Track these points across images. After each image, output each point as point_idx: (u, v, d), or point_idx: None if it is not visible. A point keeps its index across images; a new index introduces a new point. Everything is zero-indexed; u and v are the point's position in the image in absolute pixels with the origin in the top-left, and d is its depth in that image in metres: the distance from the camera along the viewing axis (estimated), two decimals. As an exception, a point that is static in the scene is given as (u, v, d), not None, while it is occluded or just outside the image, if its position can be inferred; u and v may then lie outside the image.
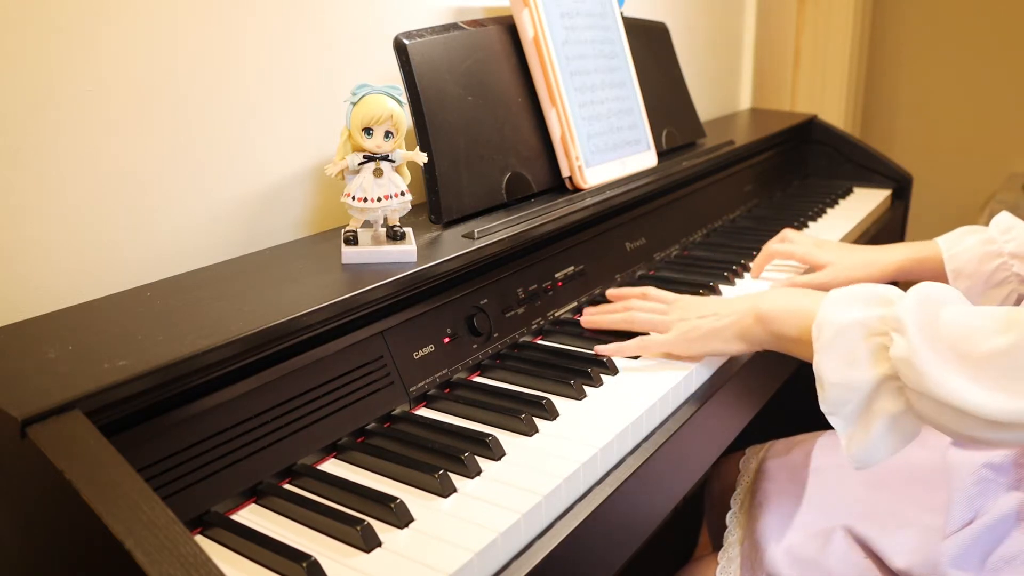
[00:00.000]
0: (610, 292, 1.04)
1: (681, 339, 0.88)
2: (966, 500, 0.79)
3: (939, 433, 0.84)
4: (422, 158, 0.83)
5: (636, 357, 0.91)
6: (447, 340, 0.85)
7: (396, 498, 0.63)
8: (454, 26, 1.03)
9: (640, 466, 0.74)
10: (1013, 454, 0.82)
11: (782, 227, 1.34)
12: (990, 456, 0.81)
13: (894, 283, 1.16)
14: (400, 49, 0.94)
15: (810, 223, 1.48)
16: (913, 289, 0.70)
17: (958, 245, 1.08)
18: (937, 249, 1.10)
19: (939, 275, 1.10)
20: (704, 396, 0.87)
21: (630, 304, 0.96)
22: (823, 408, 0.72)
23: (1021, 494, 0.79)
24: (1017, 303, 1.05)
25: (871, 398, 0.69)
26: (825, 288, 1.09)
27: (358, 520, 0.60)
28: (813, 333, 0.73)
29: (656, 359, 0.90)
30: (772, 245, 1.19)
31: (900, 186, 1.78)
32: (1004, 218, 1.06)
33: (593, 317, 0.96)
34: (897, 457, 0.96)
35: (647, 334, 0.92)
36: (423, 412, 0.81)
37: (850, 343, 0.70)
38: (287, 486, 0.68)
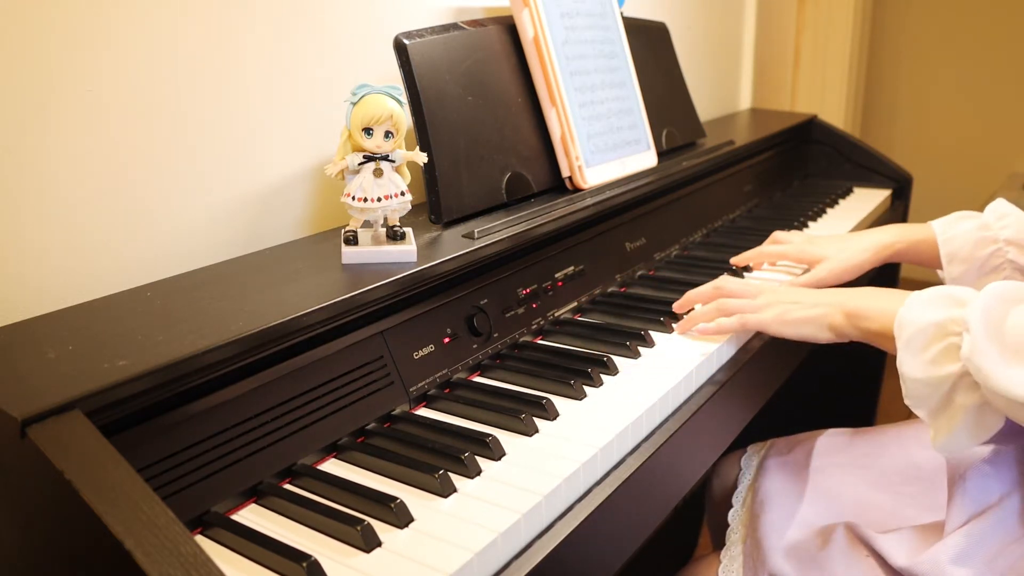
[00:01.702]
0: (688, 295, 1.01)
1: (777, 320, 0.93)
2: (967, 497, 0.79)
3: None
4: (422, 158, 0.83)
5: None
6: (447, 340, 0.85)
7: (396, 498, 0.63)
8: (454, 26, 1.03)
9: (640, 466, 0.74)
10: (1014, 451, 0.82)
11: (782, 227, 1.34)
12: (991, 454, 0.81)
13: (887, 265, 1.18)
14: (400, 49, 0.95)
15: (810, 223, 1.48)
16: (986, 289, 0.73)
17: (953, 229, 1.08)
18: (931, 232, 1.10)
19: (933, 258, 1.10)
20: (704, 396, 0.87)
21: (720, 289, 0.99)
22: (907, 401, 0.76)
23: (1022, 492, 0.79)
24: None
25: (949, 394, 0.73)
26: (827, 284, 1.11)
27: (358, 520, 0.60)
28: (895, 331, 0.77)
29: (658, 361, 0.90)
30: (765, 247, 1.19)
31: (900, 186, 1.78)
32: (999, 204, 1.06)
33: (685, 322, 0.97)
34: (898, 456, 0.97)
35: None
36: (423, 412, 0.80)
37: (926, 341, 0.74)
38: (287, 486, 0.68)
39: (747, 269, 1.19)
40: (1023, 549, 0.76)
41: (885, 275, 1.71)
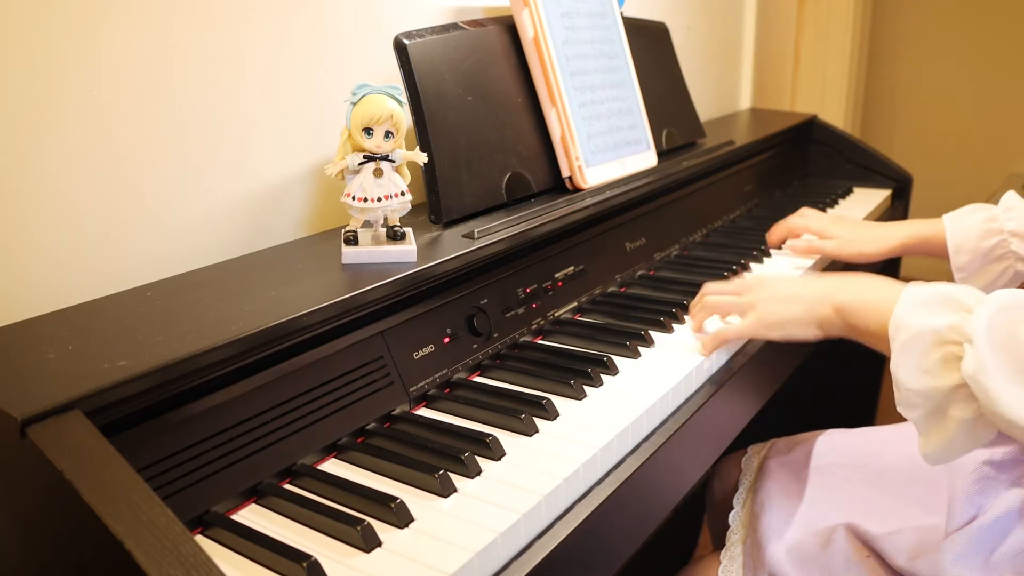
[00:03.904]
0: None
1: (759, 324, 0.90)
2: (967, 498, 0.79)
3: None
4: (422, 158, 0.83)
5: None
6: (447, 340, 0.85)
7: (396, 498, 0.63)
8: (454, 26, 1.03)
9: (640, 466, 0.74)
10: (1014, 450, 0.82)
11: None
12: (991, 453, 0.81)
13: (899, 258, 1.23)
14: (400, 49, 0.94)
15: (810, 223, 1.48)
16: (992, 296, 0.69)
17: (961, 222, 1.12)
18: (942, 227, 1.14)
19: (942, 251, 1.14)
20: (705, 396, 0.87)
21: (705, 290, 0.97)
22: (899, 408, 0.73)
23: (1023, 490, 0.79)
24: (1014, 279, 1.08)
25: (943, 405, 0.69)
26: (835, 256, 1.17)
27: (358, 520, 0.60)
28: (890, 333, 0.73)
29: (658, 361, 0.90)
30: (791, 219, 1.27)
31: (900, 186, 1.78)
32: (1010, 196, 1.09)
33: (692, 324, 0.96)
34: (899, 455, 0.97)
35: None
36: (423, 412, 0.80)
37: (924, 349, 0.70)
38: (287, 486, 0.68)
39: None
40: None
41: (887, 271, 1.71)
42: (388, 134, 0.80)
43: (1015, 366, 0.64)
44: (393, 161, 0.81)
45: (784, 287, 0.92)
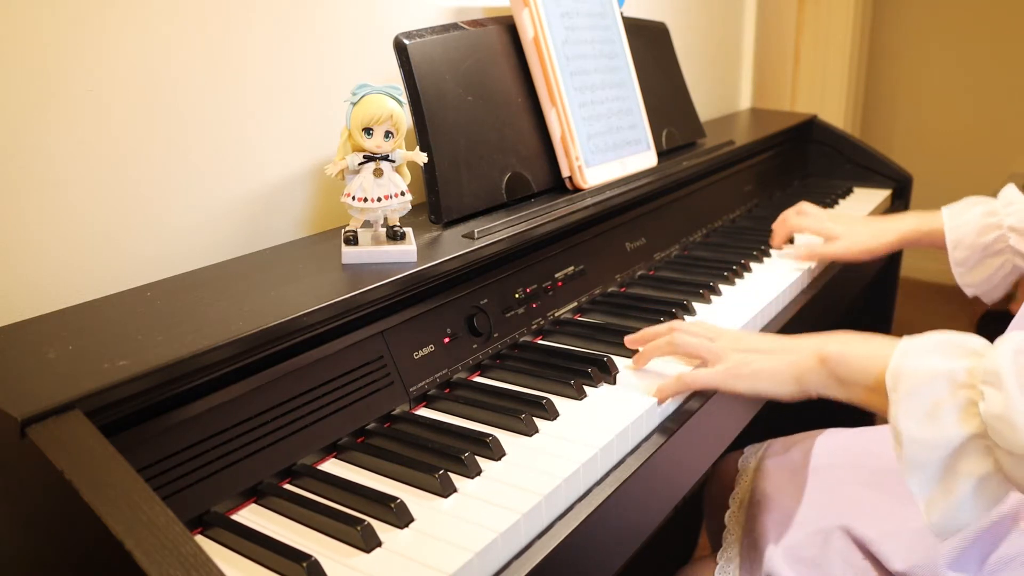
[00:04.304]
0: (634, 336, 0.90)
1: (728, 374, 0.81)
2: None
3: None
4: (422, 158, 0.83)
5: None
6: (447, 340, 0.85)
7: (396, 498, 0.63)
8: (454, 26, 1.03)
9: (640, 466, 0.74)
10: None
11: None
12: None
13: (900, 252, 1.22)
14: (400, 49, 0.95)
15: (810, 223, 1.48)
16: (1006, 338, 0.63)
17: (961, 216, 1.12)
18: (941, 221, 1.14)
19: (941, 244, 1.15)
20: (705, 396, 0.87)
21: (673, 325, 0.87)
22: (900, 466, 0.64)
23: (1018, 494, 0.79)
24: (1012, 273, 1.09)
25: (955, 458, 0.62)
26: (843, 259, 1.16)
27: (358, 520, 0.60)
28: (888, 383, 0.66)
29: (658, 361, 0.90)
30: (790, 217, 1.26)
31: (900, 186, 1.78)
32: (1009, 191, 1.09)
33: (640, 357, 0.87)
34: (895, 458, 0.96)
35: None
36: (423, 412, 0.81)
37: (934, 396, 0.63)
38: (287, 486, 0.68)
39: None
40: (1019, 553, 0.76)
41: (886, 268, 1.71)
42: (388, 134, 0.80)
43: None
44: (393, 161, 0.81)
45: (762, 338, 0.84)
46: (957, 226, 1.11)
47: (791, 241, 1.31)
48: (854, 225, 1.22)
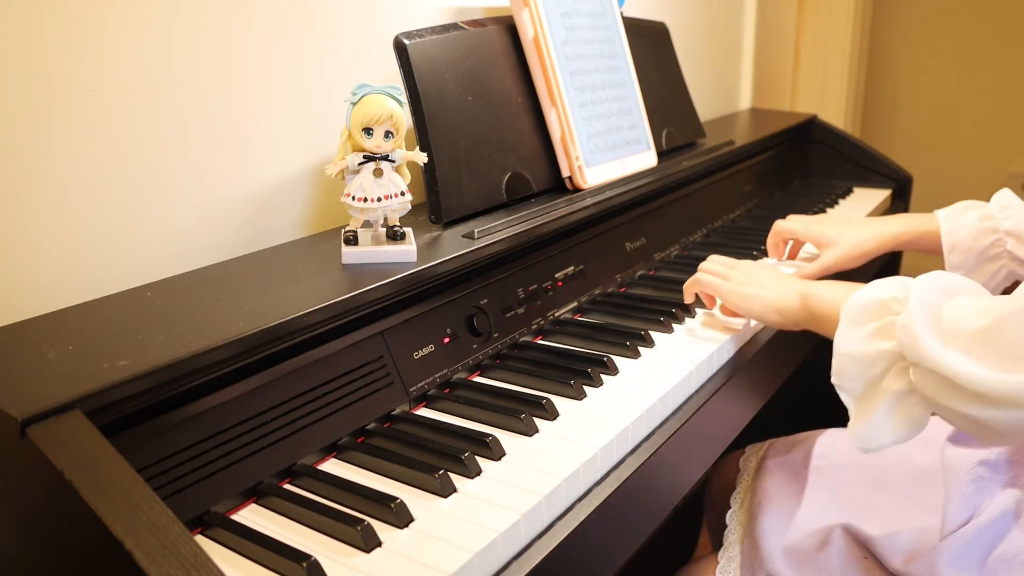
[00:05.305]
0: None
1: (729, 290, 0.96)
2: (963, 499, 0.79)
3: (937, 431, 0.84)
4: (422, 158, 0.83)
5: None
6: (447, 340, 0.85)
7: (396, 498, 0.63)
8: (454, 26, 1.03)
9: (640, 466, 0.74)
10: (1008, 452, 0.82)
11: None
12: (986, 454, 0.82)
13: (891, 254, 1.20)
14: (400, 49, 0.94)
15: (810, 223, 1.48)
16: (925, 276, 0.71)
17: (956, 220, 1.11)
18: (935, 223, 1.12)
19: (936, 248, 1.13)
20: (705, 396, 0.87)
21: (703, 265, 1.03)
22: (833, 380, 0.74)
23: (1018, 492, 0.79)
24: (1007, 278, 1.08)
25: (877, 376, 0.71)
26: (833, 270, 1.16)
27: (358, 520, 0.60)
28: (841, 310, 0.75)
29: (658, 361, 0.90)
30: (779, 223, 1.24)
31: (900, 186, 1.78)
32: (1004, 195, 1.08)
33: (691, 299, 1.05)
34: (896, 456, 0.97)
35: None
36: (423, 412, 0.81)
37: (867, 318, 0.73)
38: (287, 486, 0.68)
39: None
40: (1019, 552, 0.76)
41: (889, 265, 1.71)
42: (388, 134, 0.80)
43: (940, 326, 0.67)
44: (393, 161, 0.81)
45: (769, 276, 0.96)
46: (953, 230, 1.10)
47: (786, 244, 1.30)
48: (843, 229, 1.19)
